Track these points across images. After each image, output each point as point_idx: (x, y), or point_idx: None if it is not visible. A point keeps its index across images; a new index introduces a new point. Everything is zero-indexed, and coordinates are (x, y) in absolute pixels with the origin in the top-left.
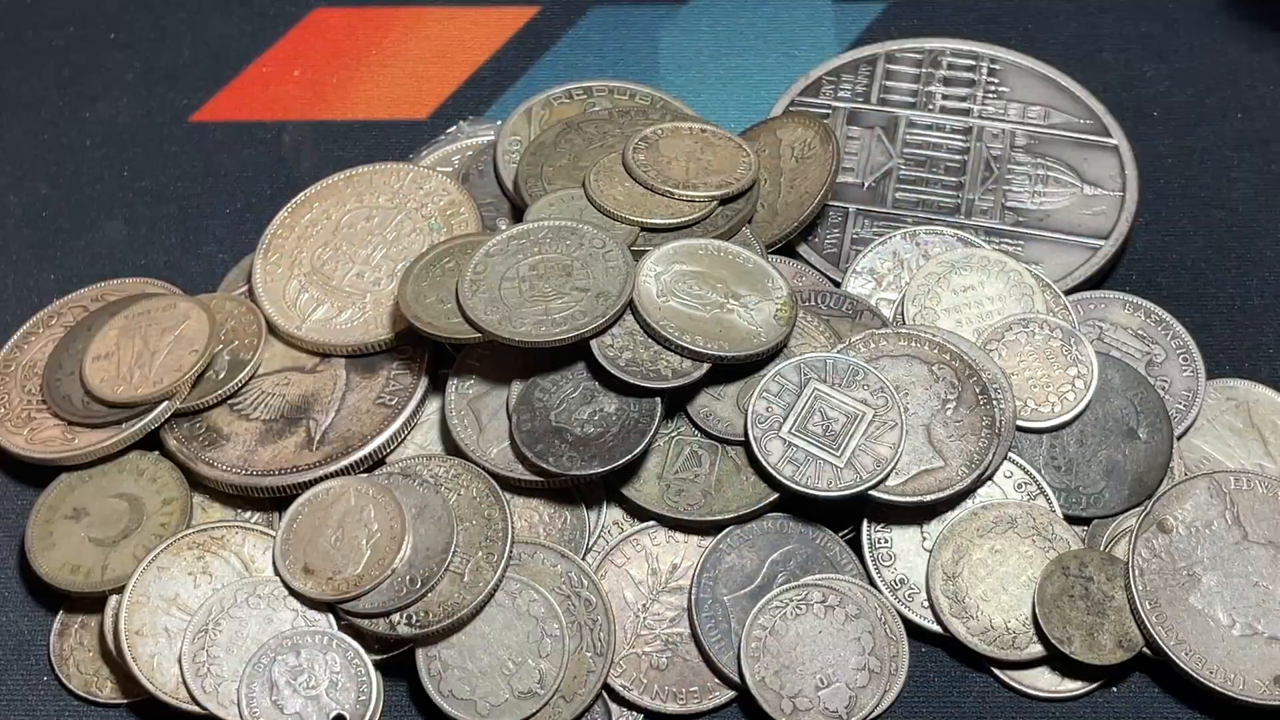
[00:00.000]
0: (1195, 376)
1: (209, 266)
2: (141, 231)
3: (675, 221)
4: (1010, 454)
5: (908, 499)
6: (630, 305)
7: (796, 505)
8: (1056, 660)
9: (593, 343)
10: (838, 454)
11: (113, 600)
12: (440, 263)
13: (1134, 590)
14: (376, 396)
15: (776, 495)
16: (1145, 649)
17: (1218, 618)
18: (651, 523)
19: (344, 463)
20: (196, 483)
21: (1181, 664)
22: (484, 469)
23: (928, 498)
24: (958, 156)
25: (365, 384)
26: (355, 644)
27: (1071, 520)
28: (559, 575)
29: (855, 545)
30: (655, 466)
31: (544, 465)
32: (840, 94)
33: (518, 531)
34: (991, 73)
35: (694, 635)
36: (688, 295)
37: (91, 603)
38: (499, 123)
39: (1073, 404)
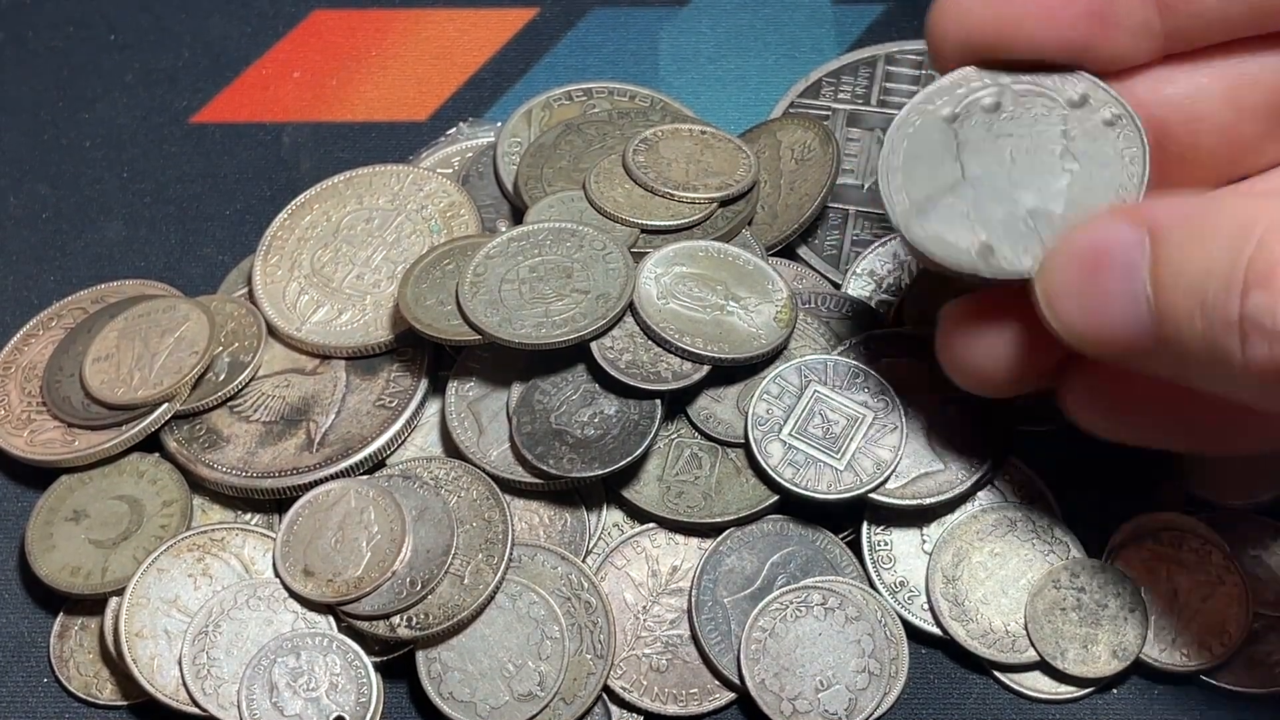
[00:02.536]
0: None
1: (209, 268)
2: (141, 232)
3: (675, 223)
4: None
5: (907, 502)
6: (630, 307)
7: (796, 507)
8: (1053, 670)
9: (593, 345)
10: (838, 456)
11: (113, 602)
12: (440, 265)
13: None
14: (376, 398)
15: (776, 497)
16: None
17: None
18: (651, 525)
19: (344, 465)
20: (196, 485)
21: None
22: (484, 471)
23: (927, 501)
24: None
25: (365, 386)
26: (355, 646)
27: None
28: (559, 577)
29: (855, 547)
30: (655, 469)
31: (544, 467)
32: (840, 96)
33: (518, 534)
34: None
35: (694, 637)
36: (688, 297)
37: (92, 605)
38: (499, 124)
39: None
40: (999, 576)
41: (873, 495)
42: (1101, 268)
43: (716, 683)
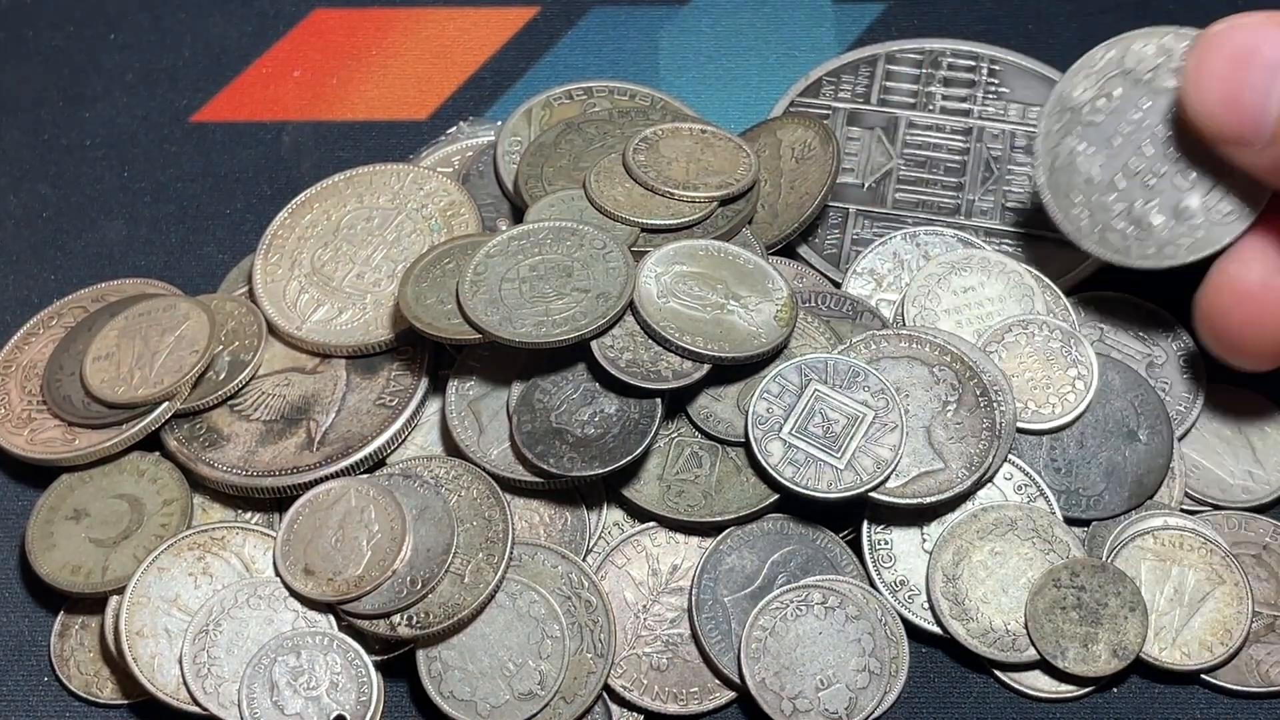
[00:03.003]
0: (1196, 378)
1: (209, 267)
2: (141, 232)
3: (676, 222)
4: (1010, 456)
5: (908, 501)
6: (630, 306)
7: (797, 506)
8: (1053, 669)
9: (593, 344)
10: (838, 455)
11: (113, 601)
12: (440, 263)
13: None
14: (377, 397)
15: (777, 496)
16: None
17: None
18: (652, 524)
19: (344, 464)
20: (197, 483)
21: None
22: (484, 470)
23: (928, 499)
24: (958, 157)
25: (365, 385)
26: (356, 645)
27: (1071, 522)
28: (559, 576)
29: (856, 546)
30: (656, 467)
31: (544, 466)
32: (840, 94)
33: (518, 533)
34: (991, 73)
35: (694, 636)
36: (688, 296)
37: (92, 603)
38: (499, 123)
39: (1073, 405)
40: (999, 575)
41: (873, 494)
42: (1249, 62)
43: (717, 682)
